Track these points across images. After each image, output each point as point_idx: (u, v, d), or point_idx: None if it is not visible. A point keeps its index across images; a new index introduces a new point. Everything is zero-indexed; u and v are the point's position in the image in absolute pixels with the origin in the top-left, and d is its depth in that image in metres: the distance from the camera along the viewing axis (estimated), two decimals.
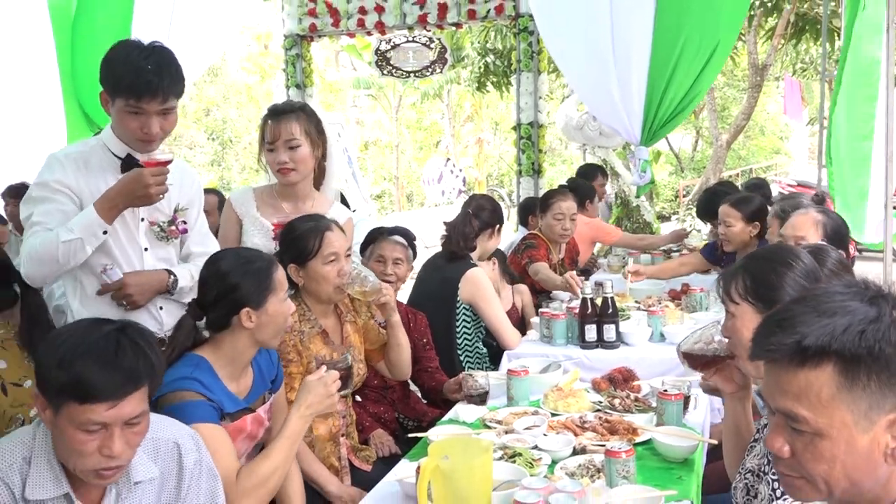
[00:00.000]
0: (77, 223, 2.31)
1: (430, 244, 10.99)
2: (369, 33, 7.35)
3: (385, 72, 7.75)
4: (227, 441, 2.05)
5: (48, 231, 2.32)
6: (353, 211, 4.17)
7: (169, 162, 2.41)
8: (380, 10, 6.97)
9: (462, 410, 2.74)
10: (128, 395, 1.57)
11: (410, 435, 2.57)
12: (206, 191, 5.37)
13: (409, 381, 3.40)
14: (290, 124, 2.82)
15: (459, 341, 3.59)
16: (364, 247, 3.44)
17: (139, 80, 2.29)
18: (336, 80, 19.87)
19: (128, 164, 2.45)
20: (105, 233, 2.35)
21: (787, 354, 1.10)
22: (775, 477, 1.53)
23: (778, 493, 1.53)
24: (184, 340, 2.14)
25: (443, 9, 6.82)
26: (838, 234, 2.89)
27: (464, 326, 3.61)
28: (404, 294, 4.03)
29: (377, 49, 7.60)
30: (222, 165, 19.10)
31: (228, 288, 2.10)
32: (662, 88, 5.28)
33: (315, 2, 7.14)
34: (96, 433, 1.57)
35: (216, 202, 5.09)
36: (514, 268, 4.38)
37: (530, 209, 5.18)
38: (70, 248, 2.29)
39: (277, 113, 2.87)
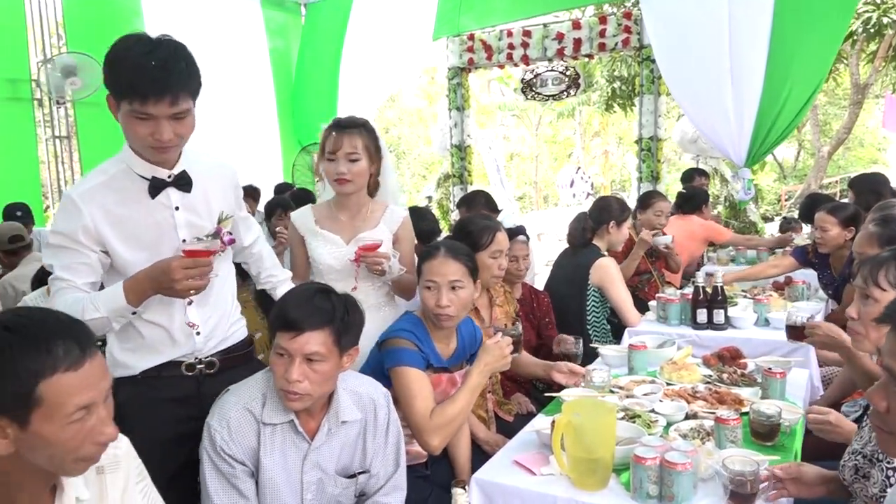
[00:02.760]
0: (103, 302, 1.73)
1: (562, 237, 10.85)
2: (516, 65, 7.31)
3: (528, 96, 7.67)
4: (428, 385, 2.10)
5: (74, 290, 1.76)
6: (500, 210, 4.14)
7: (213, 253, 1.76)
8: (525, 45, 6.93)
9: (593, 375, 2.65)
10: (308, 331, 1.65)
11: (546, 394, 2.53)
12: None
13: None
14: (353, 138, 2.40)
15: (588, 318, 3.51)
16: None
17: (143, 79, 1.63)
18: (487, 103, 19.90)
19: (155, 187, 1.82)
20: (134, 313, 1.79)
21: None
22: (891, 465, 1.38)
23: (892, 480, 1.38)
24: None
25: (577, 43, 6.68)
26: (892, 241, 2.58)
27: (593, 306, 3.52)
28: (541, 279, 4.00)
29: (522, 78, 7.55)
30: (397, 172, 19.61)
31: None
32: (774, 116, 4.96)
33: (473, 40, 7.18)
34: (283, 358, 1.67)
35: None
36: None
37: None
38: (96, 324, 1.71)
39: (342, 126, 2.42)
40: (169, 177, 1.82)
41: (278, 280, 2.30)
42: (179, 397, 1.92)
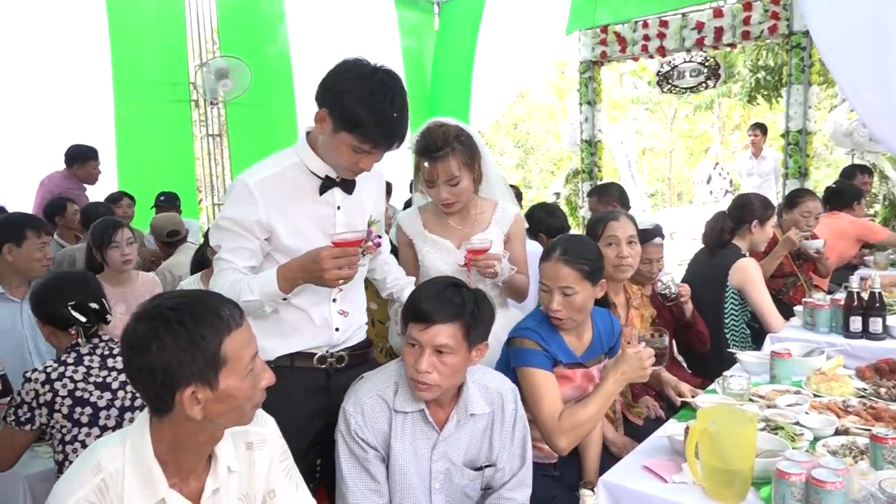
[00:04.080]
0: (258, 286, 1.80)
1: (696, 236, 10.37)
2: (651, 57, 7.05)
3: (664, 89, 7.38)
4: (555, 386, 2.07)
5: (234, 272, 1.84)
6: (630, 208, 4.00)
7: (361, 242, 1.79)
8: (661, 36, 6.67)
9: (731, 382, 2.52)
10: (438, 323, 1.69)
11: (680, 399, 2.43)
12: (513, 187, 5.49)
13: (676, 352, 3.24)
14: (448, 163, 2.23)
15: (727, 321, 3.33)
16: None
17: (384, 130, 1.73)
18: (619, 97, 19.37)
19: (325, 185, 1.89)
20: (285, 299, 1.86)
21: None
22: None
23: None
24: None
25: (719, 32, 6.34)
26: None
27: (731, 309, 3.34)
28: (677, 277, 3.82)
29: (658, 71, 7.27)
30: (525, 168, 19.52)
31: None
32: None
33: (606, 33, 7.00)
34: (414, 349, 1.71)
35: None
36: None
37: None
38: (250, 307, 1.79)
39: (432, 152, 2.24)
40: (338, 177, 1.89)
41: (405, 282, 2.28)
42: (310, 389, 1.97)
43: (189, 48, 6.31)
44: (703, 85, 7.15)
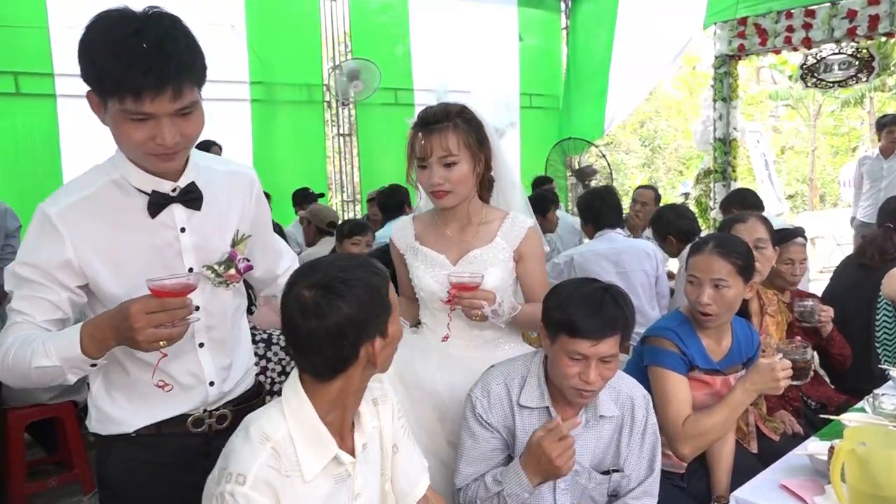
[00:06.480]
0: (55, 348, 1.30)
1: (841, 242, 9.62)
2: (795, 49, 6.61)
3: (809, 84, 6.91)
4: (685, 390, 2.04)
5: (32, 327, 1.37)
6: (764, 210, 3.77)
7: (189, 291, 1.31)
8: (807, 27, 6.24)
9: (883, 400, 2.33)
10: (605, 339, 1.66)
11: (822, 416, 2.28)
12: (645, 187, 5.33)
13: (818, 365, 3.03)
14: (444, 137, 1.87)
15: (878, 334, 3.07)
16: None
17: (133, 69, 1.21)
18: (755, 93, 18.34)
19: (156, 203, 1.40)
20: (93, 365, 1.33)
21: None
22: None
23: None
24: None
25: (874, 20, 5.85)
26: None
27: (884, 321, 3.07)
28: (819, 285, 3.60)
29: (803, 64, 6.82)
30: (651, 167, 18.94)
31: None
32: None
33: (745, 25, 6.64)
34: (578, 362, 1.68)
35: (652, 195, 5.07)
36: None
37: None
38: (45, 374, 1.32)
39: (428, 123, 1.90)
40: (173, 190, 1.42)
41: None
42: (183, 460, 1.51)
43: (323, 51, 6.61)
44: (854, 78, 6.64)
